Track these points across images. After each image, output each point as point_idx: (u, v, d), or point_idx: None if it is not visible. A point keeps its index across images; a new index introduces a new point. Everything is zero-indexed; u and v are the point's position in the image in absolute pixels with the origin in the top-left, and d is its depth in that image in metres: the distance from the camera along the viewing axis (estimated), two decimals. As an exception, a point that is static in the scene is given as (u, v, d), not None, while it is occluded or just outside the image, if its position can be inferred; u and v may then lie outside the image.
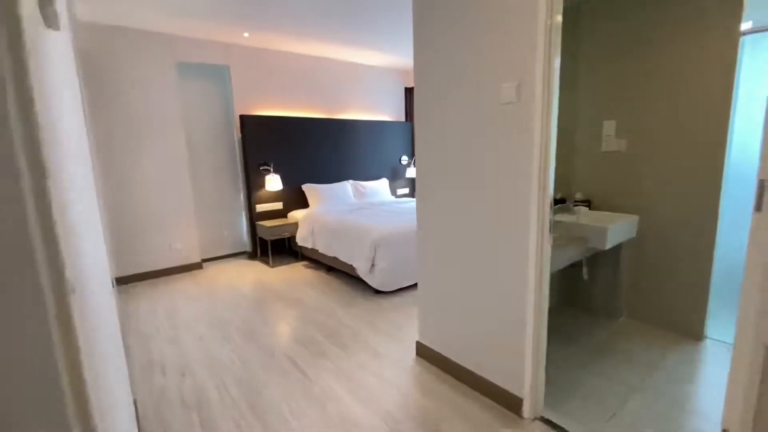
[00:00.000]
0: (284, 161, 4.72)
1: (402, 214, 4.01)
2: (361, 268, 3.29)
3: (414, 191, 6.26)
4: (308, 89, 5.01)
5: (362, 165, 5.49)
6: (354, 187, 5.22)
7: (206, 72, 4.38)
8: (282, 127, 4.65)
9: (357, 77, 5.49)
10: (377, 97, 5.78)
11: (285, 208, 4.77)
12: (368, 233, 3.31)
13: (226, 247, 4.76)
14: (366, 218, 3.82)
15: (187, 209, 4.19)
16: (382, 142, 5.69)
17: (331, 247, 3.76)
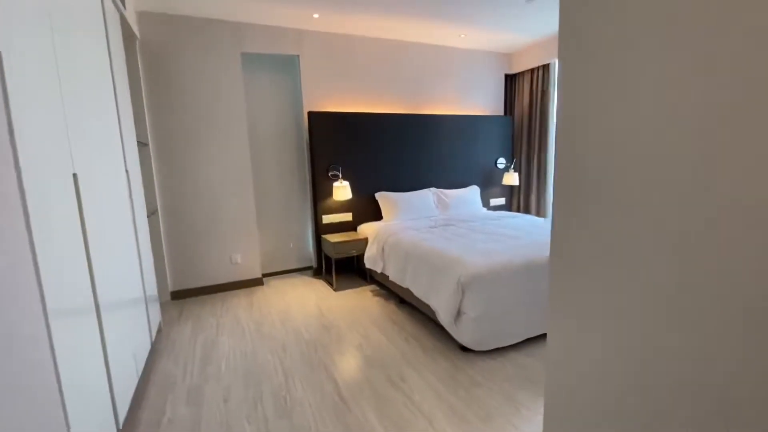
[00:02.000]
0: (356, 165, 4.03)
1: (503, 238, 2.99)
2: (443, 314, 2.38)
3: (511, 202, 5.10)
4: (386, 80, 4.26)
5: (448, 169, 4.55)
6: (437, 196, 4.31)
7: (273, 63, 3.90)
8: (354, 126, 3.96)
9: (446, 64, 4.57)
10: (470, 88, 4.78)
11: (355, 220, 4.08)
12: (452, 267, 2.39)
13: (291, 261, 4.25)
14: (450, 242, 2.89)
15: (250, 218, 3.75)
16: (474, 141, 4.68)
17: (404, 275, 2.93)
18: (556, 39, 4.43)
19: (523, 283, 2.41)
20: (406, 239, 3.09)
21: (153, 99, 3.28)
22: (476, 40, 4.32)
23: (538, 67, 4.67)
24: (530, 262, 2.46)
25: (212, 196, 3.58)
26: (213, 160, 3.54)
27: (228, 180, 3.62)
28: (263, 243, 4.05)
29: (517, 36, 4.23)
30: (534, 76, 4.76)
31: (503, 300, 2.33)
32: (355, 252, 3.67)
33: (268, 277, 4.08)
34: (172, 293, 3.53)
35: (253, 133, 3.88)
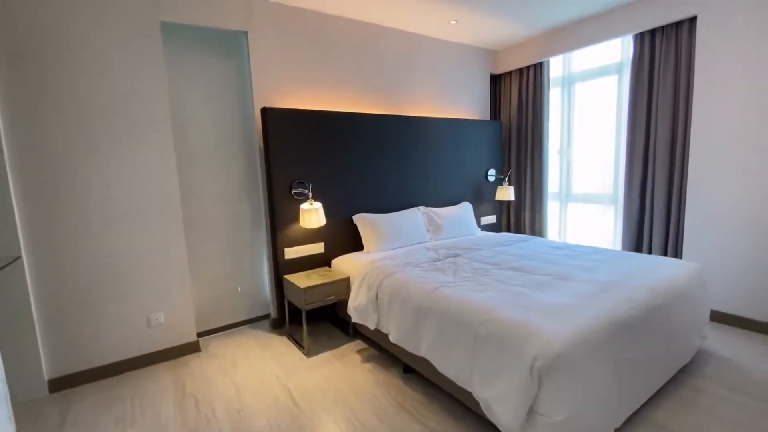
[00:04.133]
0: (328, 180, 3.07)
1: (551, 279, 2.21)
2: (502, 413, 1.51)
3: (502, 220, 4.41)
4: (363, 72, 3.38)
5: (436, 183, 3.76)
6: (427, 216, 3.48)
7: (210, 41, 2.84)
8: (325, 128, 3.02)
9: (429, 58, 3.81)
10: (455, 87, 4.07)
11: (328, 252, 3.09)
12: (515, 340, 1.53)
13: (240, 310, 3.13)
14: (482, 288, 2.04)
15: (177, 257, 2.61)
16: (462, 149, 3.95)
17: (419, 340, 2.02)
18: (551, 34, 3.96)
19: (622, 351, 1.63)
20: (413, 284, 2.19)
21: (13, 87, 2.08)
22: (467, 29, 3.62)
23: (528, 67, 4.11)
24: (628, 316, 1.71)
25: (116, 230, 2.40)
26: (118, 177, 2.38)
27: (142, 205, 2.46)
28: (199, 290, 2.90)
29: (511, 26, 3.60)
30: (523, 77, 4.19)
31: (600, 384, 1.52)
32: (334, 298, 2.69)
33: (207, 337, 2.93)
34: (51, 383, 2.27)
35: (182, 137, 2.76)
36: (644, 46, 3.15)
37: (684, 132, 2.98)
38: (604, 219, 3.75)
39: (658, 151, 3.12)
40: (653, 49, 3.12)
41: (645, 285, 1.99)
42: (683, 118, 2.97)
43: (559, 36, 3.72)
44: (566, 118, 3.96)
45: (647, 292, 1.93)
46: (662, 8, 2.96)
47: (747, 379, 2.10)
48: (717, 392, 2.01)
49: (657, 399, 1.96)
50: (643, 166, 3.26)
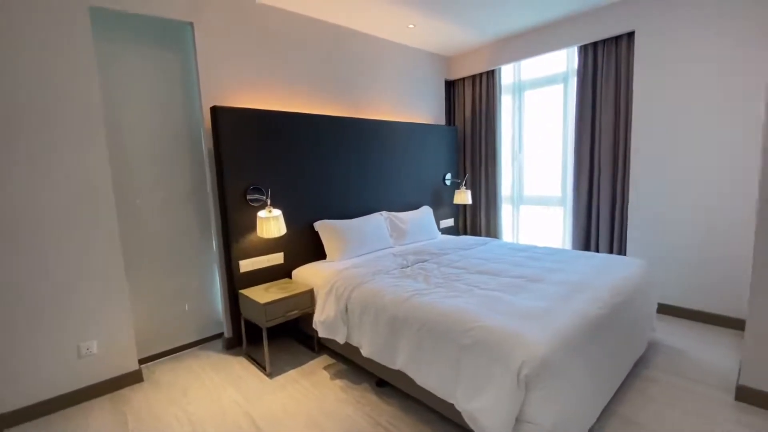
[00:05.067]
0: (287, 185, 2.88)
1: (523, 281, 2.23)
2: (490, 425, 1.46)
3: (463, 222, 4.48)
4: (322, 72, 3.24)
5: (397, 187, 3.71)
6: (390, 221, 3.42)
7: (150, 31, 2.53)
8: (282, 130, 2.83)
9: (387, 61, 3.77)
10: (412, 92, 4.06)
11: (288, 263, 2.90)
12: (501, 348, 1.50)
13: (189, 331, 2.82)
14: (456, 294, 2.01)
15: (113, 276, 2.27)
16: (421, 153, 3.95)
17: (394, 353, 1.93)
18: (502, 43, 4.10)
19: (594, 350, 1.67)
20: (386, 293, 2.10)
21: None
22: (424, 34, 3.63)
23: (481, 74, 4.23)
24: (598, 315, 1.75)
25: (38, 249, 2.03)
26: (38, 185, 2.01)
27: (69, 216, 2.11)
28: (140, 311, 2.56)
29: (465, 33, 3.68)
30: (476, 84, 4.30)
31: (579, 385, 1.54)
32: (297, 312, 2.51)
33: (151, 363, 2.60)
34: (-54, 437, 1.85)
35: (117, 139, 2.43)
36: (588, 58, 3.37)
37: (625, 138, 3.22)
38: (554, 220, 3.95)
39: (603, 155, 3.34)
40: (596, 61, 3.34)
41: (607, 284, 2.08)
42: (624, 125, 3.21)
43: (509, 45, 3.86)
44: (517, 124, 4.12)
45: (610, 291, 2.01)
46: (603, 23, 3.18)
47: (694, 366, 2.29)
48: (670, 381, 2.16)
49: (620, 392, 2.05)
50: (590, 169, 3.48)
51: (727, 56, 2.62)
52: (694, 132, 2.82)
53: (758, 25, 2.48)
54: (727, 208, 2.71)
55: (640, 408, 1.93)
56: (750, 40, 2.52)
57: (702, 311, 2.88)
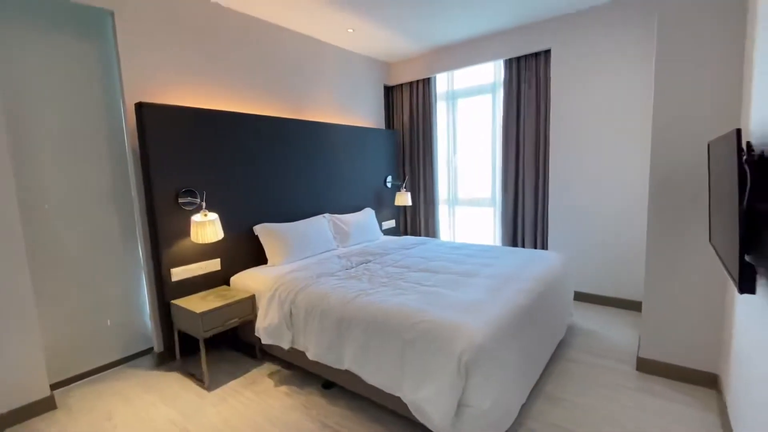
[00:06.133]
0: (223, 188, 2.75)
1: (461, 277, 2.37)
2: (435, 413, 1.55)
3: (404, 223, 4.62)
4: (260, 71, 3.14)
5: (339, 189, 3.73)
6: (333, 223, 3.42)
7: (60, 16, 2.27)
8: (218, 129, 2.70)
9: (328, 64, 3.77)
10: (353, 95, 4.11)
11: (225, 269, 2.77)
12: (442, 339, 1.60)
13: (112, 348, 2.56)
14: (401, 292, 2.09)
15: (17, 290, 1.99)
16: (362, 156, 4.01)
17: (341, 353, 1.95)
18: (437, 53, 4.34)
19: (523, 336, 1.84)
20: (332, 295, 2.11)
21: None
22: (364, 39, 3.70)
23: (418, 81, 4.42)
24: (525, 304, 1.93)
25: None
26: None
27: (-43, 224, 1.81)
28: (51, 329, 2.27)
29: (403, 41, 3.82)
30: (413, 90, 4.48)
31: (512, 368, 1.69)
32: (238, 321, 2.41)
33: (66, 388, 2.31)
34: None
35: (21, 136, 2.14)
36: (512, 71, 3.69)
37: (545, 144, 3.58)
38: (486, 219, 4.25)
39: (526, 160, 3.68)
40: (519, 74, 3.67)
41: (533, 275, 2.31)
42: (544, 132, 3.57)
43: (444, 55, 4.09)
44: (451, 130, 4.37)
45: (535, 281, 2.24)
46: (524, 40, 3.52)
47: (604, 345, 2.62)
48: (585, 359, 2.45)
49: (545, 373, 2.28)
50: (515, 173, 3.80)
51: (628, 70, 3.04)
52: (601, 137, 3.23)
53: (653, 43, 2.92)
54: (628, 204, 3.14)
55: (562, 385, 2.17)
56: (648, 56, 2.95)
57: (610, 296, 3.30)
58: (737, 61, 1.89)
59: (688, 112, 2.03)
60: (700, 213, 2.01)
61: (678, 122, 2.06)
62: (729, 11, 1.89)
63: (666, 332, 2.19)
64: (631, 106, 3.05)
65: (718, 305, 2.03)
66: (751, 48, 1.72)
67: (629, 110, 3.07)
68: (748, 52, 1.79)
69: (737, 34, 1.88)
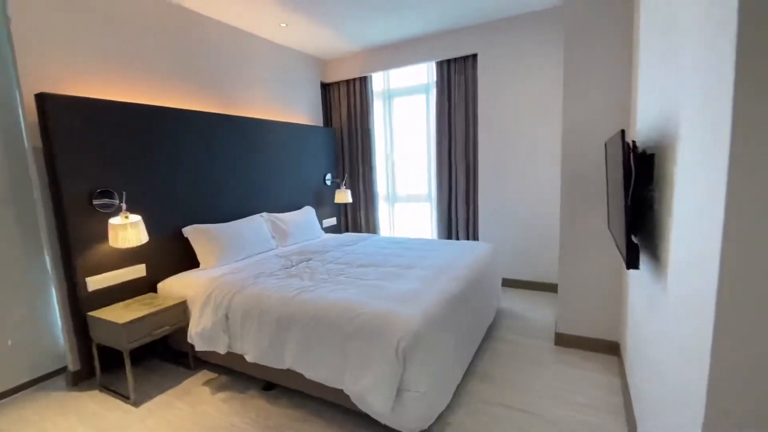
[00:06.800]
0: (147, 188, 2.56)
1: (400, 269, 2.45)
2: (376, 401, 1.61)
3: (345, 220, 4.64)
4: (185, 63, 2.95)
5: (277, 188, 3.64)
6: (271, 223, 3.34)
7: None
8: (140, 125, 2.50)
9: (261, 58, 3.65)
10: (288, 92, 4.03)
11: (151, 275, 2.58)
12: (380, 328, 1.67)
13: (17, 370, 2.26)
14: (342, 287, 2.12)
15: None
16: (300, 154, 3.96)
17: (282, 352, 1.93)
18: (375, 51, 4.42)
19: (456, 320, 1.96)
20: (270, 294, 2.07)
21: None
22: (298, 35, 3.64)
23: (355, 79, 4.45)
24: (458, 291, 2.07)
25: None
26: None
27: None
28: (-68, 356, 1.95)
29: (338, 39, 3.83)
30: (350, 88, 4.51)
31: (446, 351, 1.80)
32: (168, 329, 2.27)
33: (-47, 423, 2.00)
34: None
35: None
36: (443, 72, 3.88)
37: (474, 143, 3.82)
38: (423, 215, 4.43)
39: (458, 158, 3.90)
40: (450, 76, 3.87)
41: (465, 265, 2.47)
42: (473, 132, 3.81)
43: (379, 55, 4.17)
44: (389, 128, 4.47)
45: (466, 270, 2.40)
46: (454, 44, 3.72)
47: (531, 325, 2.88)
48: (512, 339, 2.68)
49: (477, 354, 2.46)
50: (448, 170, 4.01)
51: (548, 75, 3.35)
52: (524, 137, 3.53)
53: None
54: (547, 198, 3.47)
55: (493, 363, 2.36)
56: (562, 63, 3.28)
57: (533, 281, 3.63)
58: (629, 71, 2.19)
59: (590, 115, 2.31)
60: (602, 203, 2.30)
61: (583, 124, 2.33)
62: (621, 28, 2.19)
63: (577, 309, 2.48)
64: (549, 109, 3.38)
65: (618, 282, 2.34)
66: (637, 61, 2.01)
67: (548, 112, 3.39)
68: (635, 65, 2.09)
69: (629, 47, 2.18)
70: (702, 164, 0.86)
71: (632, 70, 2.16)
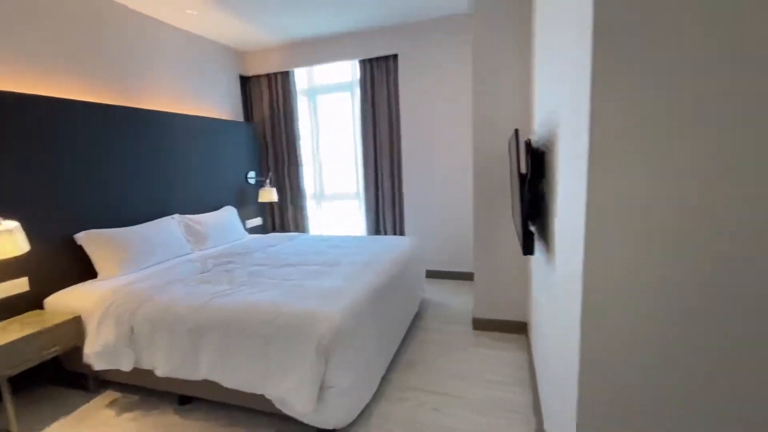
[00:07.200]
0: (29, 189, 2.21)
1: (323, 267, 2.43)
2: (298, 401, 1.58)
3: (272, 220, 4.48)
4: (78, 50, 2.59)
5: (192, 187, 3.39)
6: (185, 225, 3.10)
7: None
8: (20, 118, 2.15)
9: (169, 47, 3.35)
10: (203, 84, 3.76)
11: (37, 289, 2.24)
12: (300, 328, 1.64)
13: None
14: (262, 289, 2.04)
15: None
16: (219, 150, 3.73)
17: (197, 362, 1.80)
18: (297, 46, 4.30)
19: (380, 313, 2.01)
20: (181, 302, 1.92)
21: None
22: (209, 24, 3.41)
23: (276, 74, 4.30)
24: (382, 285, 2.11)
25: None
26: None
27: None
28: None
29: (255, 30, 3.67)
30: (272, 83, 4.35)
31: (370, 344, 1.83)
32: (59, 349, 1.99)
33: None
34: None
35: None
36: (366, 71, 3.92)
37: (398, 141, 3.93)
38: (353, 212, 4.45)
39: (383, 156, 3.98)
40: (372, 75, 3.93)
41: (389, 259, 2.54)
42: (397, 130, 3.91)
43: (300, 50, 4.08)
44: (314, 125, 4.41)
45: (390, 264, 2.47)
46: (375, 44, 3.78)
47: (451, 313, 3.06)
48: (436, 326, 2.82)
49: (404, 343, 2.55)
50: (374, 167, 4.07)
51: (464, 77, 3.54)
52: (443, 135, 3.71)
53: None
54: (465, 193, 3.70)
55: (417, 351, 2.46)
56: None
57: (454, 271, 3.86)
58: (530, 76, 2.42)
59: (497, 115, 2.51)
60: (507, 196, 2.52)
61: (490, 123, 2.52)
62: (524, 36, 2.40)
63: (490, 294, 2.69)
64: (467, 109, 3.59)
65: (525, 267, 2.59)
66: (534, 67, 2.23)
67: (465, 112, 3.60)
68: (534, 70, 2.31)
69: (529, 54, 2.41)
70: (571, 160, 0.98)
71: (532, 75, 2.39)
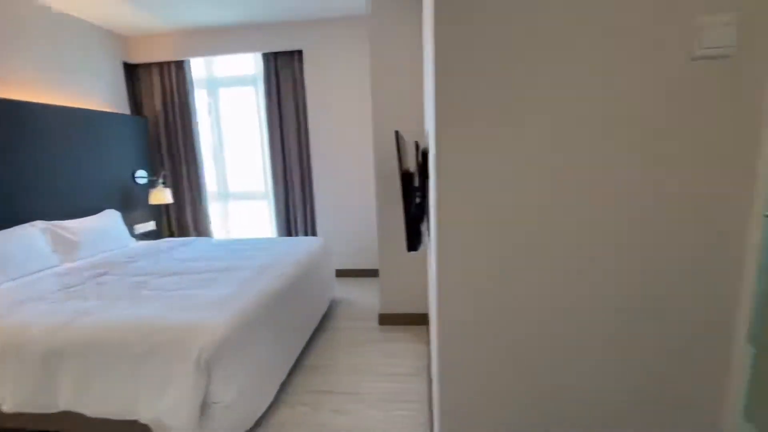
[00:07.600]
0: None
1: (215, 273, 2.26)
2: (176, 421, 1.46)
3: (168, 223, 4.07)
4: None
5: (64, 189, 2.92)
6: (51, 234, 2.66)
7: None
8: None
9: (29, 25, 2.83)
10: (77, 70, 3.26)
11: None
12: (177, 343, 1.50)
13: None
14: (135, 303, 1.83)
15: None
16: (99, 146, 3.27)
17: (54, 394, 1.56)
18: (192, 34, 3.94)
19: (279, 318, 1.94)
20: (34, 325, 1.64)
21: None
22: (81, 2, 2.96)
23: (169, 63, 3.92)
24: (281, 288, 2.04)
25: None
26: None
27: None
28: None
29: (138, 13, 3.29)
30: (164, 72, 3.95)
31: (264, 352, 1.76)
32: None
33: None
34: None
35: None
36: (270, 65, 3.77)
37: (306, 138, 3.85)
38: (262, 212, 4.25)
39: (292, 154, 3.87)
40: (277, 69, 3.78)
41: (294, 261, 2.48)
42: (305, 129, 3.83)
43: (196, 39, 3.77)
44: (216, 120, 4.11)
45: (294, 266, 2.41)
46: (279, 37, 3.65)
47: (359, 310, 3.09)
48: (347, 325, 2.83)
49: (308, 346, 2.51)
50: (283, 166, 3.94)
51: (368, 75, 3.58)
52: (350, 133, 3.73)
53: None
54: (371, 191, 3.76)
55: (322, 352, 2.44)
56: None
57: (364, 269, 3.92)
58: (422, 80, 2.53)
59: (394, 115, 2.59)
60: (408, 195, 2.62)
61: (389, 123, 2.60)
62: (417, 40, 2.50)
63: (394, 289, 2.78)
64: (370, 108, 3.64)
65: (425, 261, 2.72)
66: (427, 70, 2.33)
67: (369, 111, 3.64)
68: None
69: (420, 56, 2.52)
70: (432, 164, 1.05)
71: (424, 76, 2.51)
